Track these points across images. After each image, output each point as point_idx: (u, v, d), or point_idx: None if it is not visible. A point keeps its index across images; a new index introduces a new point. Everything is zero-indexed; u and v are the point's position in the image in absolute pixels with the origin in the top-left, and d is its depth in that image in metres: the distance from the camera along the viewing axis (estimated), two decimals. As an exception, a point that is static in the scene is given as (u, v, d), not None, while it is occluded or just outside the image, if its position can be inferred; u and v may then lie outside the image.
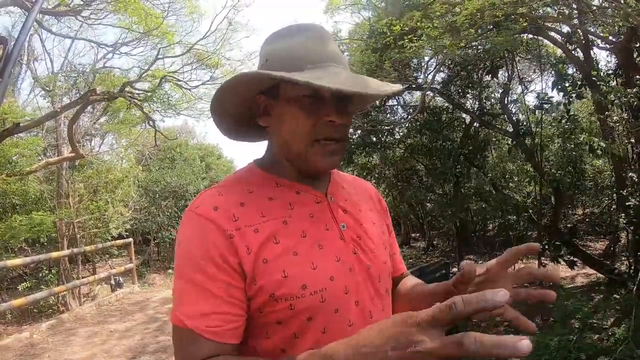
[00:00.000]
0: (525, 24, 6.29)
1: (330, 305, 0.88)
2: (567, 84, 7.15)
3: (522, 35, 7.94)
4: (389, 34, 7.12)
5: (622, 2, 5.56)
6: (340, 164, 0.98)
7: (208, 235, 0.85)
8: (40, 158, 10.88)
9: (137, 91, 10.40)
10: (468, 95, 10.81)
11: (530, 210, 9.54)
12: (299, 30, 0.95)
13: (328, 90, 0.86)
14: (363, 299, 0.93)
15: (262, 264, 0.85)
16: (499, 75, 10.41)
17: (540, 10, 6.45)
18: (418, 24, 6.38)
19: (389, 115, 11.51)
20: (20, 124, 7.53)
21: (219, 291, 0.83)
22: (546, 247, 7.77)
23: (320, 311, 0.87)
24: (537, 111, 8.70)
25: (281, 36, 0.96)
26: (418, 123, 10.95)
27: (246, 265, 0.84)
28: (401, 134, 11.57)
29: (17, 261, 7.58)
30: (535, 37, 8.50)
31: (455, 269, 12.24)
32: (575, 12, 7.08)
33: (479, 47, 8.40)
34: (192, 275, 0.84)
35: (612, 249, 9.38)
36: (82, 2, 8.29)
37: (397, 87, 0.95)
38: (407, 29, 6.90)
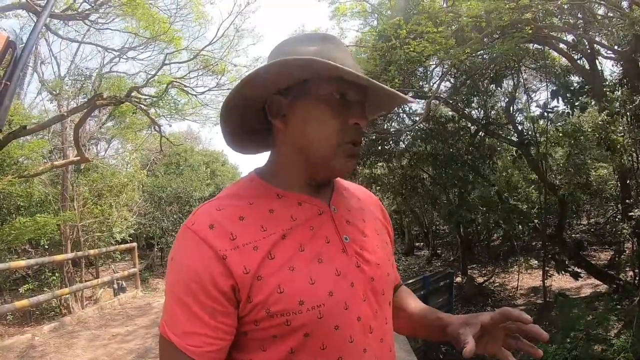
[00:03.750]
0: (530, 32, 6.30)
1: (329, 322, 0.85)
2: (568, 94, 7.14)
3: (527, 44, 7.95)
4: (393, 39, 7.13)
5: (627, 11, 5.57)
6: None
7: (200, 257, 0.83)
8: (45, 161, 10.93)
9: (143, 96, 10.45)
10: (473, 104, 10.82)
11: (535, 220, 9.51)
12: (323, 39, 0.94)
13: (356, 93, 0.88)
14: (366, 315, 0.91)
15: (257, 281, 0.82)
16: (504, 84, 10.42)
17: (546, 20, 6.46)
18: (424, 27, 6.39)
19: (394, 123, 11.52)
20: (27, 127, 7.57)
21: (204, 315, 0.82)
22: (551, 257, 7.74)
23: (319, 327, 0.84)
24: (541, 120, 8.69)
25: (302, 42, 0.93)
26: (423, 132, 10.97)
27: (242, 285, 0.82)
28: (406, 142, 11.58)
29: (21, 263, 7.59)
30: (540, 46, 8.50)
31: (459, 279, 12.21)
32: (581, 21, 7.09)
33: (485, 55, 8.41)
34: (180, 294, 0.83)
35: (616, 259, 9.33)
36: (90, 7, 8.36)
37: (411, 100, 0.96)
38: (412, 36, 6.92)
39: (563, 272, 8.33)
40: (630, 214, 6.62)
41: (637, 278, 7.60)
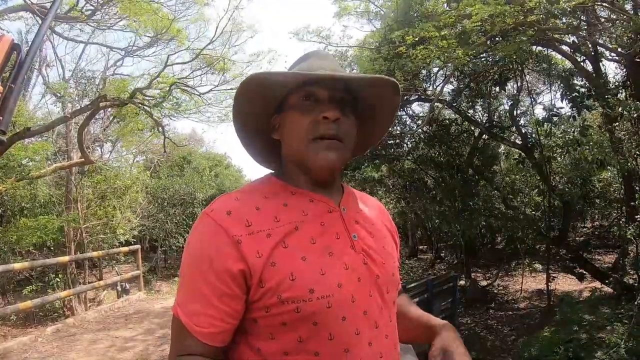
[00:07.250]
0: (533, 34, 6.27)
1: (337, 312, 0.89)
2: (574, 96, 7.12)
3: (531, 46, 7.92)
4: (399, 43, 7.10)
5: (631, 13, 5.55)
6: (340, 164, 1.01)
7: (215, 241, 0.89)
8: (49, 162, 10.95)
9: (147, 98, 10.45)
10: (477, 107, 10.77)
11: (539, 223, 9.46)
12: (307, 55, 1.11)
13: (325, 90, 0.97)
14: (371, 309, 0.95)
15: (270, 267, 0.88)
16: (507, 87, 10.37)
17: (550, 22, 6.43)
18: (429, 33, 6.37)
19: (397, 127, 11.48)
20: (31, 129, 7.60)
21: (213, 297, 0.88)
22: (557, 257, 7.71)
23: (327, 317, 0.88)
24: (545, 123, 8.65)
25: (293, 64, 1.11)
26: (427, 135, 10.93)
27: (254, 269, 0.87)
28: (409, 145, 11.54)
29: (25, 264, 7.62)
30: (544, 48, 8.47)
31: (462, 282, 12.16)
32: (584, 23, 7.06)
33: (489, 58, 8.38)
34: (193, 275, 0.91)
35: (620, 262, 9.28)
36: (92, 7, 8.36)
37: (389, 78, 1.03)
38: (417, 38, 6.89)
39: (568, 273, 8.29)
40: (636, 216, 6.59)
41: (641, 281, 7.55)
